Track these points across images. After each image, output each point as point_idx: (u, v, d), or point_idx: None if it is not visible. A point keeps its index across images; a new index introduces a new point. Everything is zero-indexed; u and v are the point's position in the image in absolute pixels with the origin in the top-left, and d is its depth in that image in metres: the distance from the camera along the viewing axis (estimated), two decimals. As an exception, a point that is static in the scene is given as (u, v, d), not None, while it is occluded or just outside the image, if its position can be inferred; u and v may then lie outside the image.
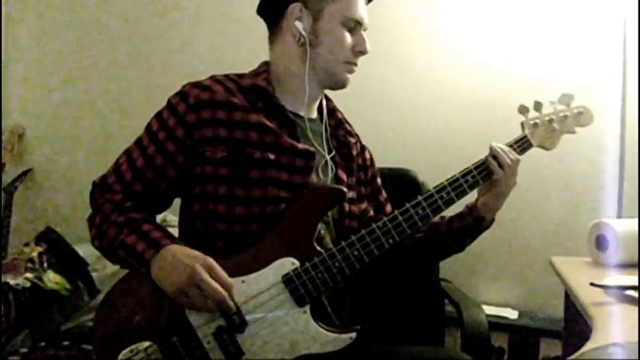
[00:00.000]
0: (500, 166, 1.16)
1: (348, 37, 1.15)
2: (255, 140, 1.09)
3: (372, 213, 1.28)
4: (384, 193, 1.34)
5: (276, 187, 1.09)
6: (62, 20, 2.46)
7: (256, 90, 1.14)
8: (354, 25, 1.15)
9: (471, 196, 1.21)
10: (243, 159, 1.07)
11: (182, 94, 1.11)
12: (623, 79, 1.94)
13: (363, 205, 1.26)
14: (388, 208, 1.32)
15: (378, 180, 1.34)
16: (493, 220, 1.24)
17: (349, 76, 1.18)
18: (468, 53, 2.09)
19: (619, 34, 1.94)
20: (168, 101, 1.13)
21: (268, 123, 1.11)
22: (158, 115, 1.13)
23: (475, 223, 1.22)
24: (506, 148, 1.19)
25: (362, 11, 1.16)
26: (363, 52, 1.17)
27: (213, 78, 1.14)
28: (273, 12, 1.18)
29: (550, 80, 1.98)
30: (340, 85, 1.19)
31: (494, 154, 1.17)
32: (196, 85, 1.12)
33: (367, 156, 1.32)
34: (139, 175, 1.10)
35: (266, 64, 1.21)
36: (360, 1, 1.16)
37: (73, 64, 2.46)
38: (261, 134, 1.10)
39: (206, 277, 0.97)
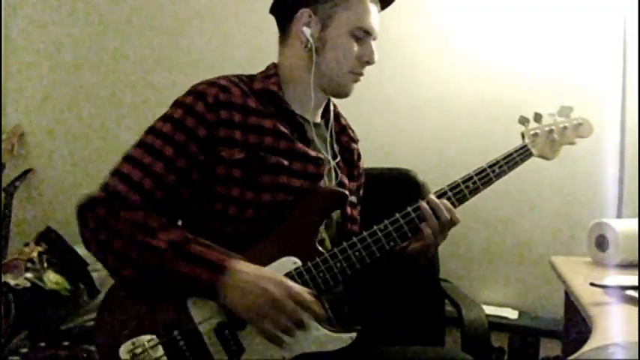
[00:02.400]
0: (428, 224, 1.09)
1: (356, 47, 1.14)
2: (269, 145, 1.08)
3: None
4: (359, 207, 1.33)
5: (286, 192, 1.09)
6: (63, 20, 2.46)
7: (267, 94, 1.13)
8: (363, 35, 1.14)
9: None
10: (257, 163, 1.07)
11: (198, 94, 1.08)
12: (623, 80, 1.94)
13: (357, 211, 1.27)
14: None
15: (361, 191, 1.34)
16: (427, 260, 1.18)
17: (354, 85, 1.18)
18: (468, 54, 2.09)
19: (619, 35, 1.94)
20: (180, 102, 1.08)
21: (282, 128, 1.10)
22: (168, 118, 1.07)
23: (404, 264, 1.20)
24: (439, 203, 1.10)
25: (372, 21, 1.15)
26: (369, 63, 1.16)
27: (227, 79, 1.12)
28: (283, 14, 1.17)
29: (550, 80, 1.98)
30: (344, 94, 1.19)
31: (422, 214, 1.09)
32: (213, 84, 1.09)
33: (361, 165, 1.32)
34: (158, 181, 1.02)
35: (274, 66, 1.20)
36: (372, 10, 1.15)
37: (73, 64, 2.46)
38: (276, 139, 1.09)
39: (285, 299, 0.96)
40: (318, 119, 1.23)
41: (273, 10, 1.20)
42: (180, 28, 2.35)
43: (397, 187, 1.57)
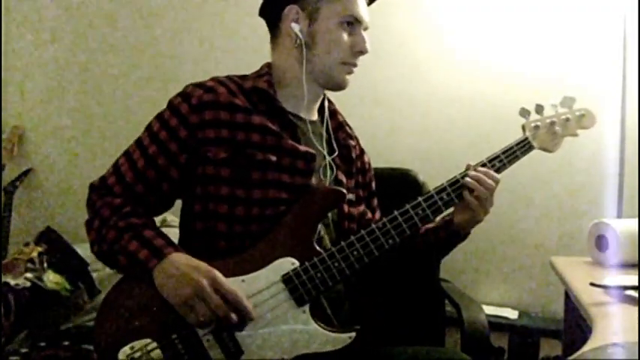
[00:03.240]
0: (476, 197, 1.12)
1: (346, 37, 1.14)
2: (256, 142, 1.09)
3: (369, 215, 1.28)
4: (376, 199, 1.34)
5: (277, 188, 1.09)
6: (63, 21, 2.46)
7: (258, 92, 1.14)
8: (354, 23, 1.14)
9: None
10: (244, 160, 1.07)
11: (184, 95, 1.11)
12: (623, 79, 1.94)
13: (361, 208, 1.26)
14: (377, 214, 1.31)
15: (373, 184, 1.34)
16: (468, 234, 1.22)
17: (348, 77, 1.17)
18: (468, 54, 2.09)
19: (619, 34, 1.94)
20: (170, 102, 1.12)
21: (270, 125, 1.11)
22: (159, 116, 1.12)
23: (449, 237, 1.21)
24: (480, 174, 1.13)
25: (361, 9, 1.15)
26: (362, 52, 1.16)
27: (215, 79, 1.14)
28: (271, 14, 1.18)
29: (550, 80, 1.98)
30: (339, 86, 1.18)
31: (467, 187, 1.13)
32: (199, 85, 1.12)
33: (366, 159, 1.32)
34: (140, 176, 1.10)
35: (268, 65, 1.21)
36: (358, 0, 1.15)
37: (73, 64, 2.46)
38: (263, 136, 1.10)
39: (211, 292, 0.97)
40: (314, 117, 1.23)
41: (262, 13, 1.21)
42: (182, 29, 2.35)
43: (397, 187, 1.57)
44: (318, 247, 1.08)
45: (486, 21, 2.07)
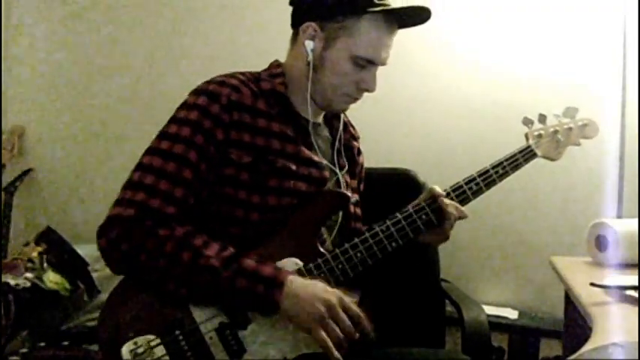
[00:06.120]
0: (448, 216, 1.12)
1: (354, 73, 1.11)
2: (277, 149, 1.08)
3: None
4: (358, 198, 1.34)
5: (292, 196, 1.08)
6: (63, 20, 2.45)
7: (275, 95, 1.13)
8: (365, 63, 1.11)
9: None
10: (266, 166, 1.06)
11: (211, 94, 1.06)
12: (623, 80, 1.94)
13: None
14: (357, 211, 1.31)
15: (362, 185, 1.33)
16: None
17: (349, 105, 1.17)
18: (468, 54, 2.09)
19: (619, 34, 1.94)
20: (194, 104, 1.06)
21: (289, 132, 1.10)
22: (184, 121, 1.05)
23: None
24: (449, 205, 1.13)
25: (380, 50, 1.12)
26: (368, 91, 1.14)
27: (236, 77, 1.10)
28: (294, 18, 1.16)
29: (550, 80, 1.98)
30: (336, 112, 1.19)
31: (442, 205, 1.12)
32: (224, 83, 1.08)
33: (361, 160, 1.32)
34: (189, 188, 1.02)
35: (279, 65, 1.19)
36: (382, 40, 1.12)
37: (73, 64, 2.45)
38: (283, 143, 1.09)
39: (340, 311, 0.97)
40: (320, 119, 1.23)
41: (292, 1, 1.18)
42: (182, 31, 2.35)
43: (397, 187, 1.57)
44: (322, 249, 1.08)
45: (486, 21, 2.07)
